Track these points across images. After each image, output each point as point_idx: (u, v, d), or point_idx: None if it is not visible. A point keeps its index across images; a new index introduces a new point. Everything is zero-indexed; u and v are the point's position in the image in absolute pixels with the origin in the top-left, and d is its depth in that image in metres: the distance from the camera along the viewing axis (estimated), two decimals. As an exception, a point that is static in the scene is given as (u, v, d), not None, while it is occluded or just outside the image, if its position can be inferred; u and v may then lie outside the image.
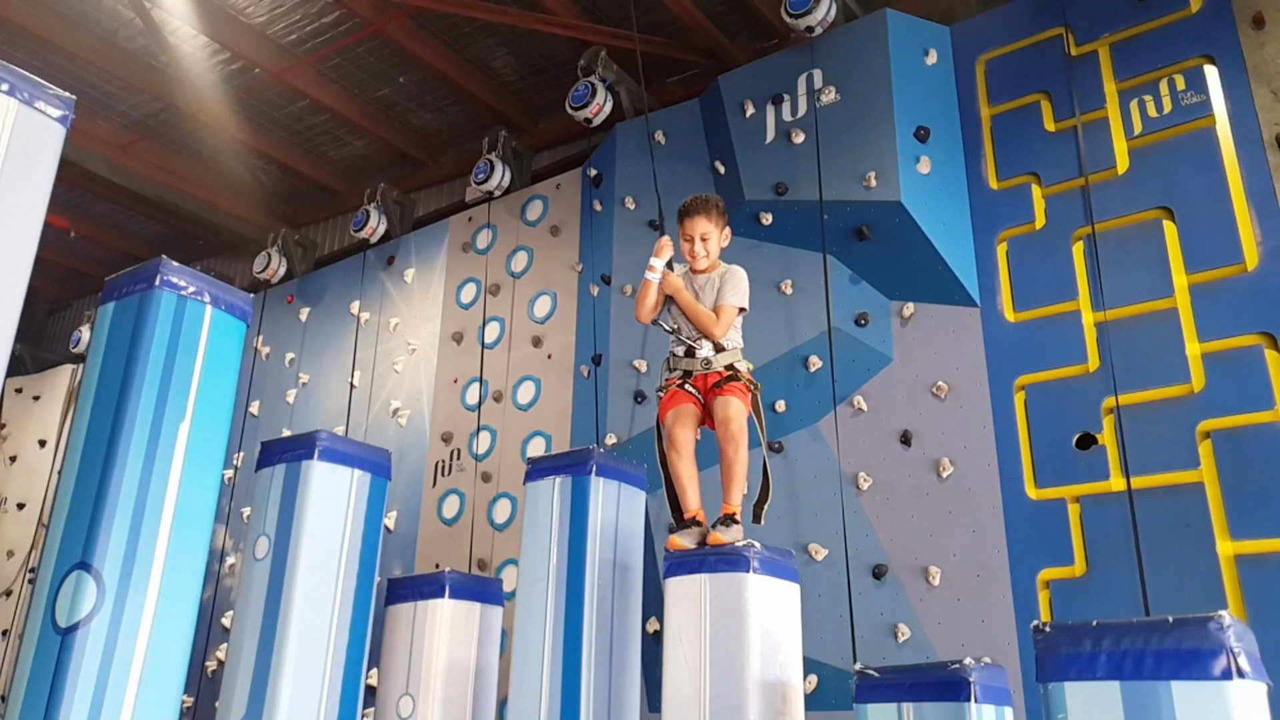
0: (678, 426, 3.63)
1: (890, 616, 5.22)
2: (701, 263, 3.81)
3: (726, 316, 3.72)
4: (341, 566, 3.50)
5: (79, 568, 2.47)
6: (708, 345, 3.72)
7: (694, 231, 3.78)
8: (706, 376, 3.72)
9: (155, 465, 2.62)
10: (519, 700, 3.58)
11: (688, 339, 3.74)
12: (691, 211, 3.81)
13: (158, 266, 2.77)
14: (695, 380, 3.73)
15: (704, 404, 3.72)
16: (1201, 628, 1.79)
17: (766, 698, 3.17)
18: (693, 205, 3.82)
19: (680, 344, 3.77)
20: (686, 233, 3.81)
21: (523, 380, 7.36)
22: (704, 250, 3.79)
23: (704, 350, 3.72)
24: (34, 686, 2.41)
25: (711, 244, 3.80)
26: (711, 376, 3.71)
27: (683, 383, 3.73)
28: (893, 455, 5.49)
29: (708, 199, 3.85)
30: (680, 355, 3.78)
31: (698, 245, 3.79)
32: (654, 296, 3.77)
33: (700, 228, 3.77)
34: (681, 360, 3.76)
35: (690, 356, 3.73)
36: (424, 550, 7.36)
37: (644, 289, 3.78)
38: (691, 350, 3.73)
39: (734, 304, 3.74)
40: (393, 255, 8.69)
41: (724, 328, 3.72)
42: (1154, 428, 4.74)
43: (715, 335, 3.70)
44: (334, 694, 3.37)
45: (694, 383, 3.73)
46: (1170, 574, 4.45)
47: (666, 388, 3.77)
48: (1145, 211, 5.11)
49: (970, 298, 5.51)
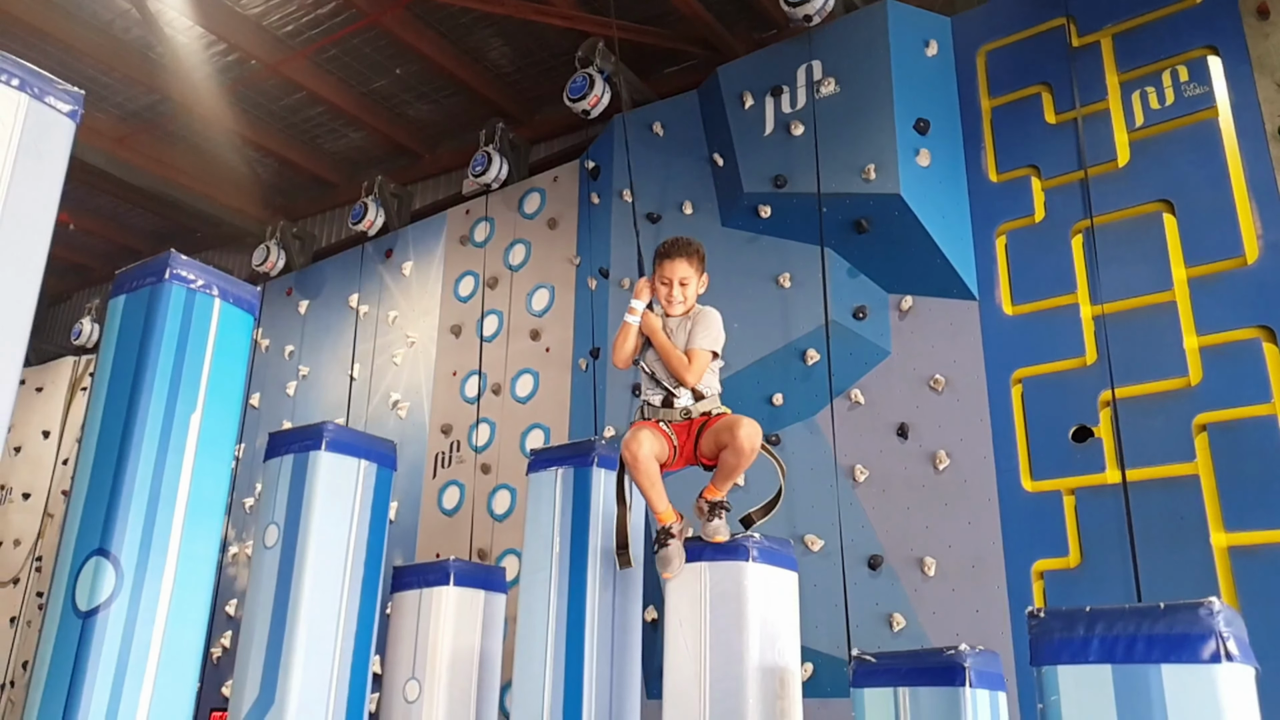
0: (635, 442, 3.31)
1: (885, 606, 5.28)
2: (678, 309, 3.57)
3: (699, 361, 3.47)
4: (349, 554, 3.56)
5: (97, 553, 2.54)
6: (686, 394, 3.48)
7: (673, 275, 3.54)
8: (688, 424, 3.48)
9: (168, 455, 2.68)
10: (523, 684, 3.63)
11: (668, 386, 3.49)
12: (671, 254, 3.56)
13: (167, 260, 2.81)
14: (673, 426, 3.49)
15: (676, 447, 3.46)
16: (1192, 613, 1.85)
17: (765, 683, 3.22)
18: (673, 248, 3.57)
19: (657, 391, 3.51)
20: (664, 276, 3.55)
21: (521, 373, 7.40)
22: (681, 296, 3.55)
23: (683, 399, 3.48)
24: (56, 668, 2.48)
25: (690, 290, 3.57)
26: (693, 423, 3.48)
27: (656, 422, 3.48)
28: (889, 448, 5.54)
29: (689, 242, 3.61)
30: (656, 405, 3.50)
31: (675, 290, 3.54)
32: (634, 340, 3.55)
33: (680, 272, 3.54)
34: (658, 410, 3.49)
35: (668, 406, 3.48)
36: (425, 540, 7.41)
37: (623, 332, 3.55)
38: (670, 399, 3.48)
39: (705, 348, 3.49)
40: (391, 248, 8.71)
41: (697, 374, 3.47)
42: (1150, 421, 4.78)
43: (688, 381, 3.46)
44: (343, 678, 3.43)
45: (671, 427, 3.48)
46: (1164, 565, 4.50)
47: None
48: (1145, 204, 5.13)
49: (968, 291, 5.55)
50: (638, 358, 3.59)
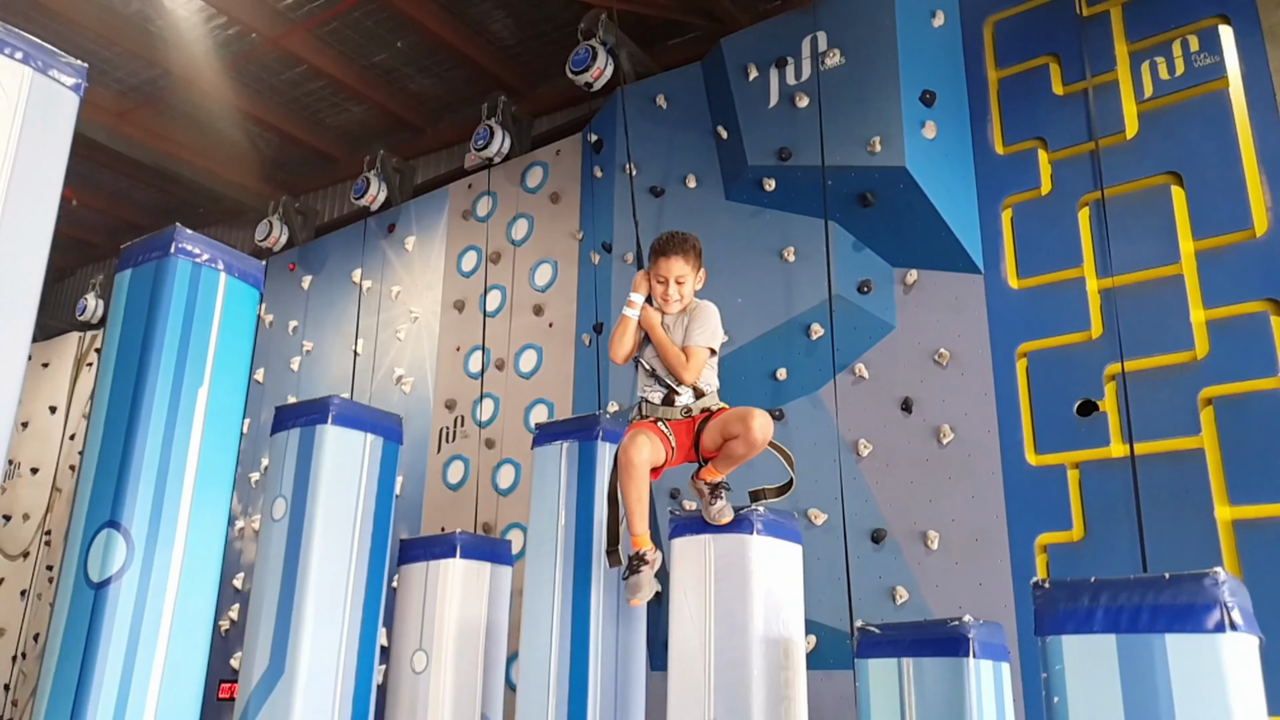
0: (634, 446, 3.25)
1: (888, 579, 5.31)
2: (674, 307, 3.47)
3: (696, 358, 3.40)
4: (357, 527, 3.59)
5: (108, 526, 2.56)
6: (687, 391, 3.42)
7: (669, 273, 3.43)
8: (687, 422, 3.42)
9: (177, 429, 2.71)
10: (530, 654, 3.67)
11: (670, 383, 3.42)
12: (668, 252, 3.44)
13: (172, 234, 2.82)
14: (671, 425, 3.42)
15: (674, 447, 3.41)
16: (1197, 583, 1.85)
17: (769, 654, 3.25)
18: (669, 245, 3.46)
19: (657, 389, 3.44)
20: (660, 273, 3.44)
21: (525, 348, 7.40)
22: (678, 294, 3.45)
23: (684, 398, 3.42)
24: (69, 639, 2.51)
25: (686, 287, 3.47)
26: (694, 420, 3.42)
27: (656, 424, 3.41)
28: (893, 422, 5.55)
29: (685, 238, 3.49)
30: (656, 403, 3.43)
31: (672, 288, 3.44)
32: (634, 335, 3.46)
33: (676, 269, 3.43)
34: (658, 408, 3.42)
35: (669, 404, 3.41)
36: (429, 514, 7.46)
37: (621, 326, 3.45)
38: (671, 397, 3.42)
39: (703, 344, 3.42)
40: (393, 223, 8.68)
41: (694, 371, 3.40)
42: (1156, 394, 4.78)
43: (685, 378, 3.39)
44: (352, 648, 3.48)
45: (670, 425, 3.42)
46: (1168, 538, 4.51)
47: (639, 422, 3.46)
48: (1154, 177, 5.09)
49: (974, 264, 5.53)
50: (636, 354, 3.50)
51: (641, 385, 3.50)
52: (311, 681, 3.35)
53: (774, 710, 3.21)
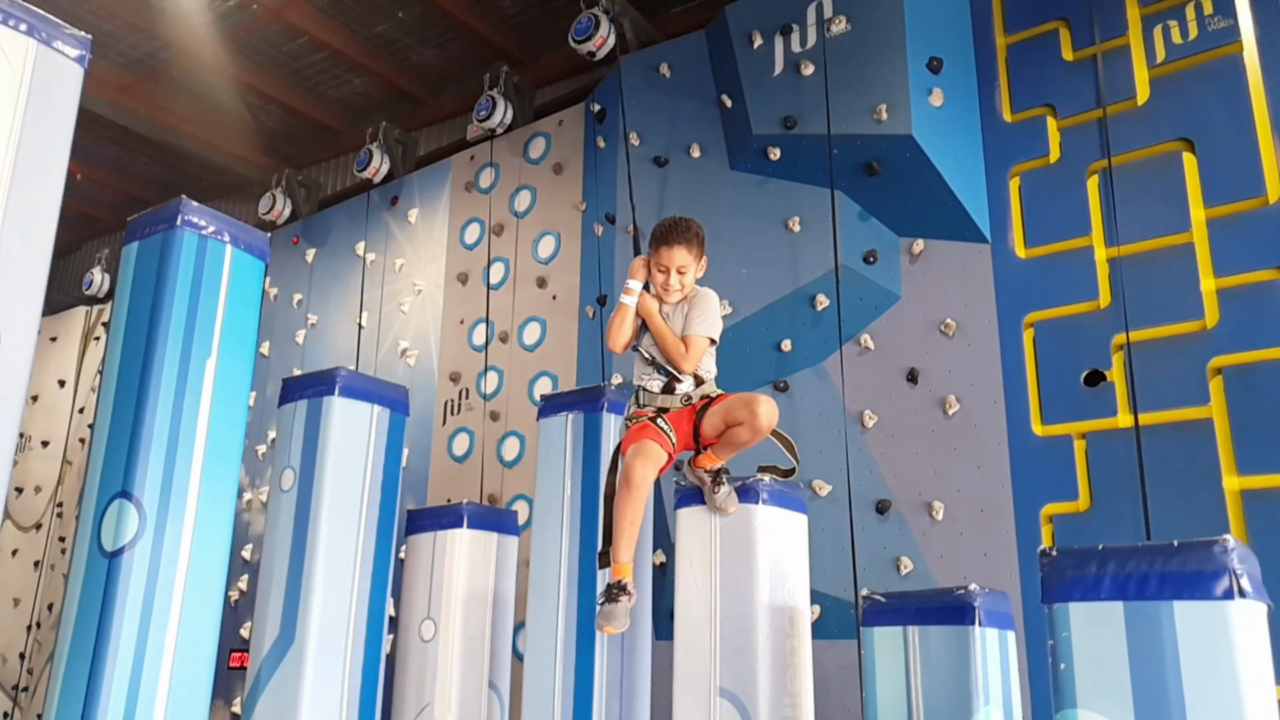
0: (639, 461, 3.16)
1: (893, 550, 5.33)
2: (674, 296, 3.39)
3: (696, 348, 3.33)
4: (364, 497, 3.61)
5: (120, 496, 2.59)
6: (688, 380, 3.35)
7: (670, 263, 3.34)
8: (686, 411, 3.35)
9: (185, 400, 2.73)
10: (536, 624, 3.70)
11: (671, 371, 3.35)
12: (670, 240, 3.34)
13: (178, 207, 2.81)
14: (671, 417, 3.33)
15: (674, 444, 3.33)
16: (1205, 551, 1.85)
17: (775, 621, 3.27)
18: (672, 233, 3.35)
19: (656, 377, 3.36)
20: (662, 262, 3.34)
21: (528, 321, 7.39)
22: (679, 284, 3.36)
23: (684, 386, 3.34)
24: (85, 606, 2.55)
25: (688, 277, 3.38)
26: (690, 410, 3.35)
27: (655, 417, 3.32)
28: (899, 393, 5.54)
29: (688, 226, 3.39)
30: (655, 391, 3.35)
31: (673, 278, 3.35)
32: (632, 322, 3.37)
33: (678, 259, 3.34)
34: (657, 397, 3.34)
35: (669, 393, 3.34)
36: (435, 486, 7.49)
37: (619, 314, 3.37)
38: (671, 385, 3.34)
39: (703, 334, 3.35)
40: (396, 195, 8.65)
41: (693, 361, 3.33)
42: (1164, 364, 4.75)
43: (684, 368, 3.32)
44: (361, 617, 3.52)
45: (669, 418, 3.32)
46: (1175, 509, 4.50)
47: (636, 419, 3.35)
48: (1165, 143, 5.02)
49: (981, 234, 5.49)
50: (635, 343, 3.42)
51: (639, 373, 3.42)
52: (321, 649, 3.39)
53: (779, 678, 3.23)
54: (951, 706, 2.66)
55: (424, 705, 3.98)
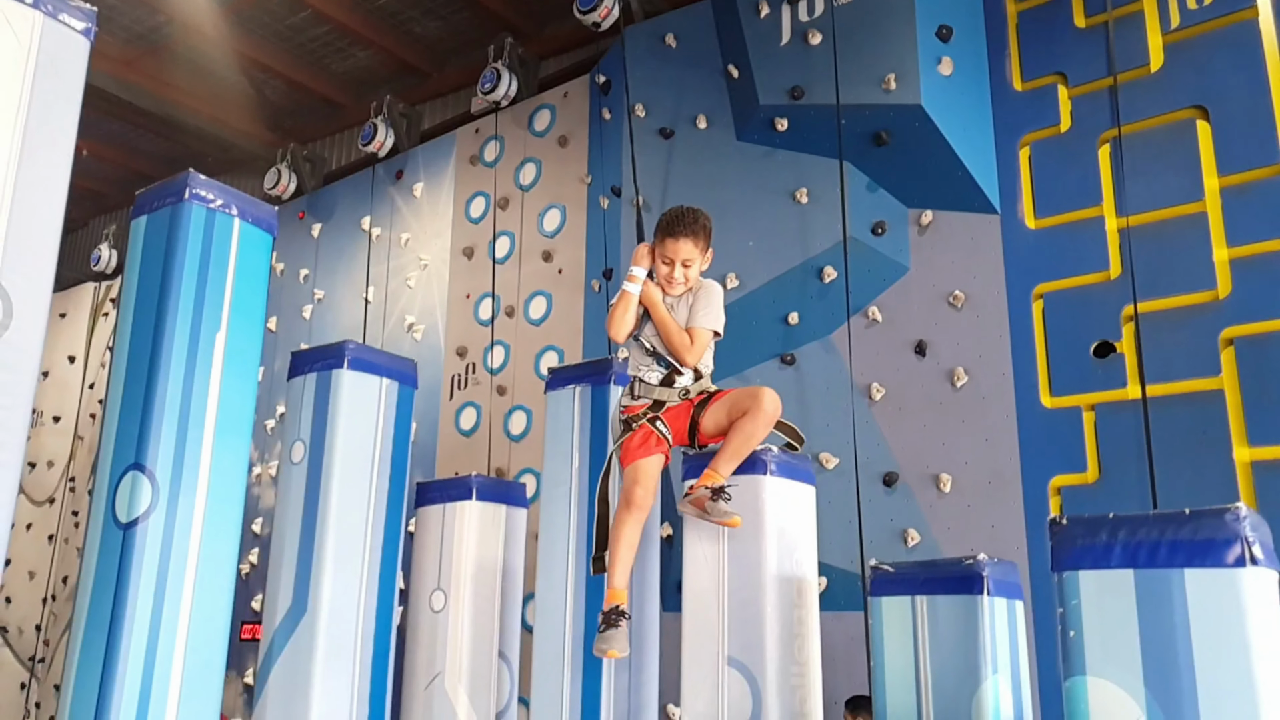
0: (641, 486, 3.11)
1: (900, 522, 5.34)
2: (678, 289, 3.29)
3: (701, 340, 3.24)
4: (374, 469, 3.63)
5: (134, 468, 2.61)
6: (687, 373, 3.26)
7: (676, 255, 3.24)
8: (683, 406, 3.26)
9: (196, 373, 2.74)
10: (546, 595, 3.73)
11: (670, 362, 3.25)
12: (676, 232, 3.24)
13: (185, 180, 2.81)
14: (667, 413, 3.24)
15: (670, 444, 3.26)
16: (1218, 518, 1.85)
17: (783, 592, 3.28)
18: (678, 225, 3.25)
19: (655, 369, 3.26)
20: (667, 254, 3.24)
21: (534, 295, 7.38)
22: (683, 277, 3.27)
23: (684, 379, 3.25)
24: (101, 577, 2.58)
25: (693, 270, 3.29)
26: (686, 405, 3.26)
27: (654, 418, 3.22)
28: (906, 365, 5.53)
29: (695, 218, 3.28)
30: (653, 383, 3.25)
31: (678, 270, 3.25)
32: (635, 310, 3.27)
33: (684, 252, 3.24)
34: (655, 389, 3.24)
35: (668, 385, 3.24)
36: (443, 460, 7.53)
37: (622, 302, 3.26)
38: (671, 378, 3.24)
39: (708, 326, 3.26)
40: (401, 169, 8.61)
41: (697, 354, 3.24)
42: (1175, 335, 4.72)
43: (687, 361, 3.22)
44: (372, 587, 3.55)
45: (665, 415, 3.23)
46: (1184, 480, 4.49)
47: (635, 419, 3.24)
48: (1178, 111, 4.96)
49: (990, 204, 5.44)
50: (636, 332, 3.30)
51: (637, 363, 3.31)
52: (333, 619, 3.42)
53: (787, 648, 3.25)
54: (960, 675, 2.67)
55: (435, 674, 4.02)
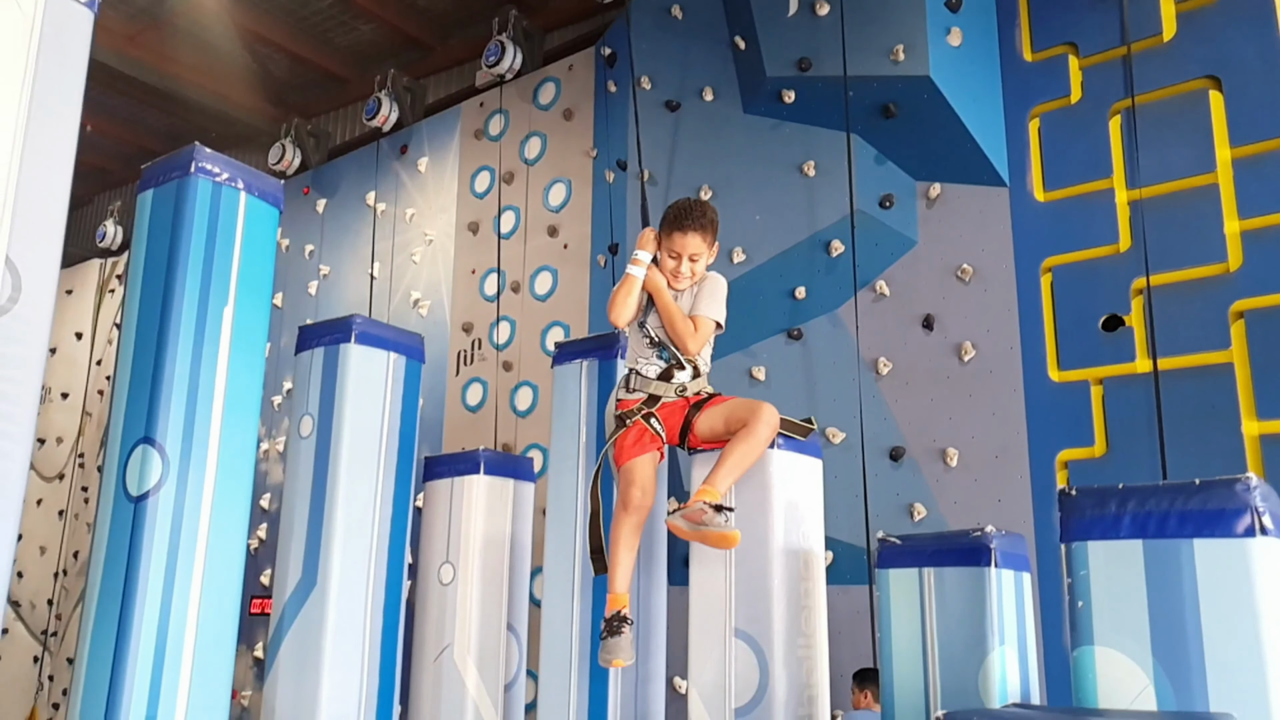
0: (638, 486, 3.04)
1: (906, 496, 5.36)
2: (684, 283, 3.23)
3: (704, 329, 3.18)
4: (383, 443, 3.64)
5: (144, 442, 2.62)
6: (686, 369, 3.20)
7: (683, 250, 3.18)
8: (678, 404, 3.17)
9: (204, 348, 2.75)
10: (554, 568, 3.75)
11: (672, 352, 3.18)
12: (684, 226, 3.18)
13: (191, 154, 2.80)
14: (662, 410, 3.16)
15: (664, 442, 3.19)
16: (1228, 489, 1.85)
17: (790, 564, 3.29)
18: (687, 218, 3.19)
19: (655, 361, 3.19)
20: (674, 248, 3.18)
21: (540, 270, 7.37)
22: (689, 271, 3.21)
23: (682, 375, 3.18)
24: (113, 550, 2.61)
25: (699, 265, 3.23)
26: (682, 403, 3.18)
27: (649, 415, 3.14)
28: (914, 340, 5.51)
29: (704, 212, 3.22)
30: (650, 377, 3.17)
31: (684, 264, 3.19)
32: (638, 296, 3.20)
33: (692, 246, 3.18)
34: (651, 383, 3.16)
35: (665, 380, 3.17)
36: (450, 436, 7.55)
37: (625, 285, 3.18)
38: (669, 372, 3.17)
39: (712, 316, 3.20)
40: (406, 144, 8.57)
41: (700, 342, 3.18)
42: (1185, 308, 4.70)
43: (690, 349, 3.16)
44: (381, 560, 3.57)
45: (659, 412, 3.15)
46: (1192, 453, 4.48)
47: (630, 414, 3.14)
48: (1190, 81, 4.90)
49: (999, 177, 5.40)
50: (641, 319, 3.21)
51: (635, 354, 3.24)
52: (343, 592, 3.45)
53: (794, 619, 3.27)
54: (967, 647, 2.68)
55: (444, 646, 4.06)
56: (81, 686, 2.63)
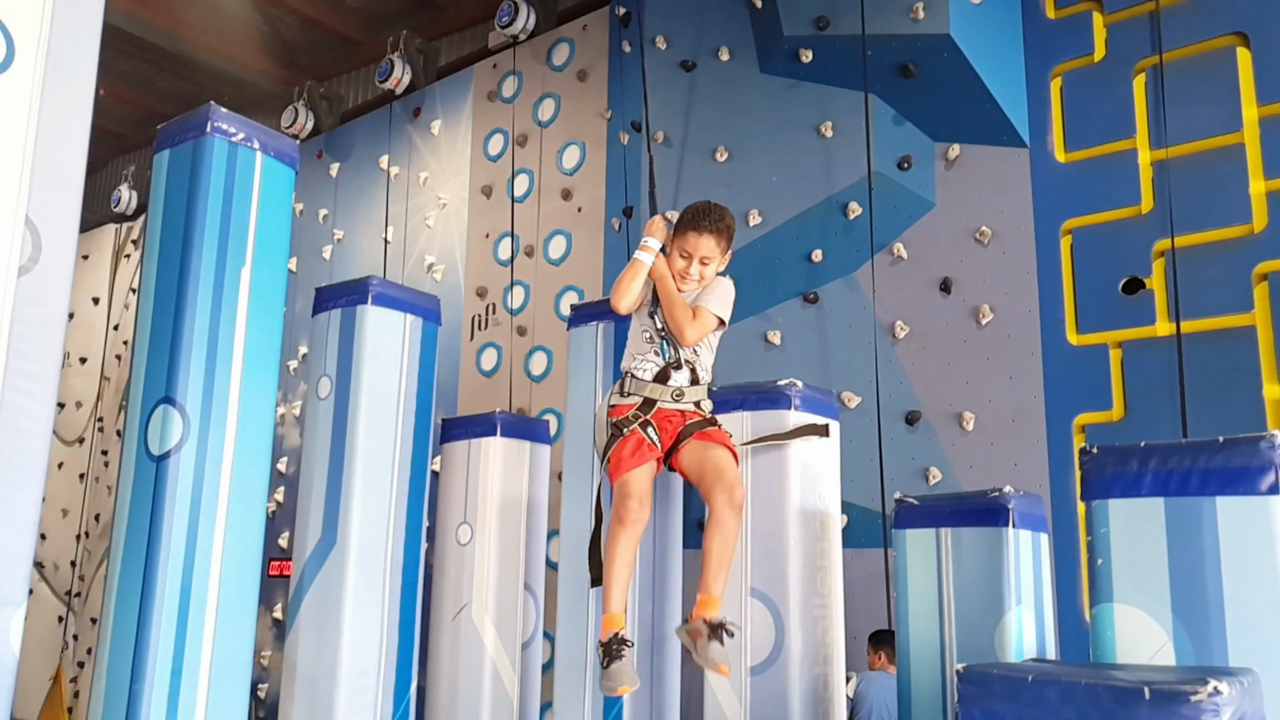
0: (635, 499, 2.90)
1: (922, 461, 5.35)
2: (691, 285, 3.13)
3: (704, 320, 3.05)
4: (400, 404, 3.67)
5: (164, 402, 2.64)
6: (684, 373, 3.08)
7: (696, 251, 3.07)
8: (674, 416, 3.05)
9: (223, 309, 2.76)
10: (570, 529, 3.78)
11: (668, 357, 3.07)
12: (699, 227, 3.07)
13: (207, 113, 2.80)
14: (657, 417, 3.03)
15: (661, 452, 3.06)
16: (1252, 446, 1.83)
17: (806, 525, 3.31)
18: (703, 220, 3.08)
19: (651, 359, 3.07)
20: (686, 248, 3.08)
21: (554, 234, 7.33)
22: (699, 274, 3.11)
23: (678, 378, 3.06)
24: (136, 508, 2.64)
25: (710, 269, 3.13)
26: (678, 417, 3.05)
27: (645, 421, 3.01)
28: (931, 303, 5.47)
29: (721, 216, 3.11)
30: (646, 379, 3.04)
31: (695, 266, 3.09)
32: (644, 283, 3.09)
33: (704, 249, 3.07)
34: (647, 385, 3.03)
35: (662, 382, 3.04)
36: (465, 400, 7.58)
37: (632, 269, 3.08)
38: (666, 373, 3.05)
39: (714, 310, 3.08)
40: (419, 107, 8.51)
41: (697, 332, 3.04)
42: (1207, 271, 4.63)
43: (687, 336, 3.02)
44: (400, 520, 3.61)
45: (655, 419, 3.03)
46: (1211, 417, 4.43)
47: (624, 423, 3.02)
48: (1217, 38, 4.79)
49: (1019, 138, 5.32)
50: (650, 309, 3.12)
51: (632, 354, 3.13)
52: (362, 551, 3.50)
53: (810, 580, 3.29)
54: (983, 607, 2.69)
55: (462, 605, 4.11)
56: (108, 642, 2.68)
